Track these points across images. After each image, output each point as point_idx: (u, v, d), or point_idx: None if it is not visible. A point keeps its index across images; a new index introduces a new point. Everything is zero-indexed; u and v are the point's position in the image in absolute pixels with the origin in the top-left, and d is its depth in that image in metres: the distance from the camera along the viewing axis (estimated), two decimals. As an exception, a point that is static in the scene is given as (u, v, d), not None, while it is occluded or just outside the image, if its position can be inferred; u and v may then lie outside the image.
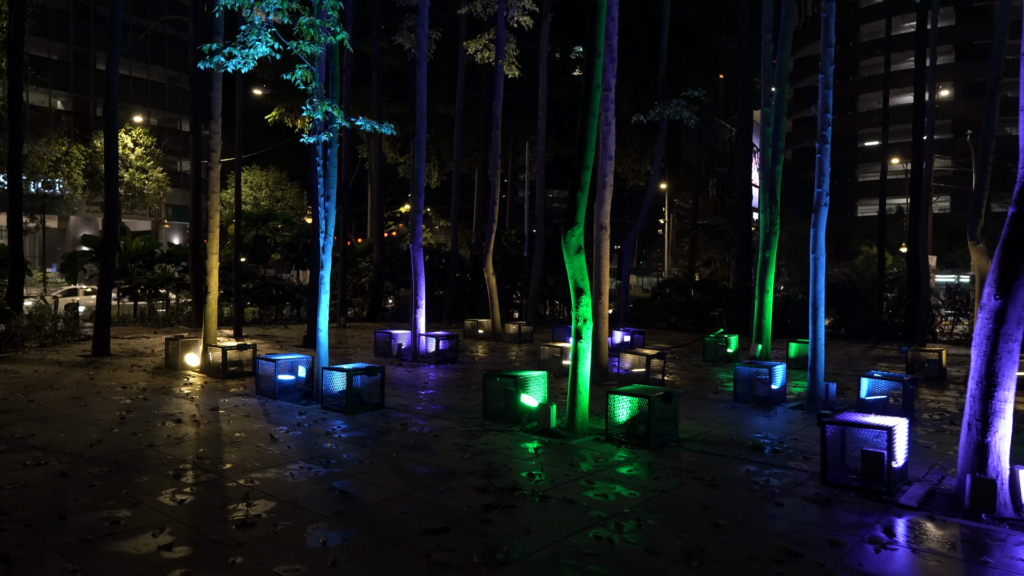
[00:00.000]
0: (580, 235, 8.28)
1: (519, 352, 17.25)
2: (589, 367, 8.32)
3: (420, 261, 15.09)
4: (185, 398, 10.18)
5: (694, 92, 19.60)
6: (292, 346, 17.67)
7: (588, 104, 8.26)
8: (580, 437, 7.98)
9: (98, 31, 55.65)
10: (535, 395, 8.86)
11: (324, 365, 10.16)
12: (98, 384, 11.28)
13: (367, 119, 10.00)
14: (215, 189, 12.99)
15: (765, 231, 14.95)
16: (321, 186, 10.06)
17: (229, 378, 12.06)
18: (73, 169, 40.54)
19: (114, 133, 15.28)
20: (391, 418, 8.93)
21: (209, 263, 12.94)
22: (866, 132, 75.82)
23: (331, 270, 18.88)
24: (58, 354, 15.44)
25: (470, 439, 7.81)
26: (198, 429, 8.13)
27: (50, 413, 8.89)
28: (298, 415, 9.05)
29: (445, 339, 14.73)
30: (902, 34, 72.15)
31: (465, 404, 10.00)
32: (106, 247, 15.42)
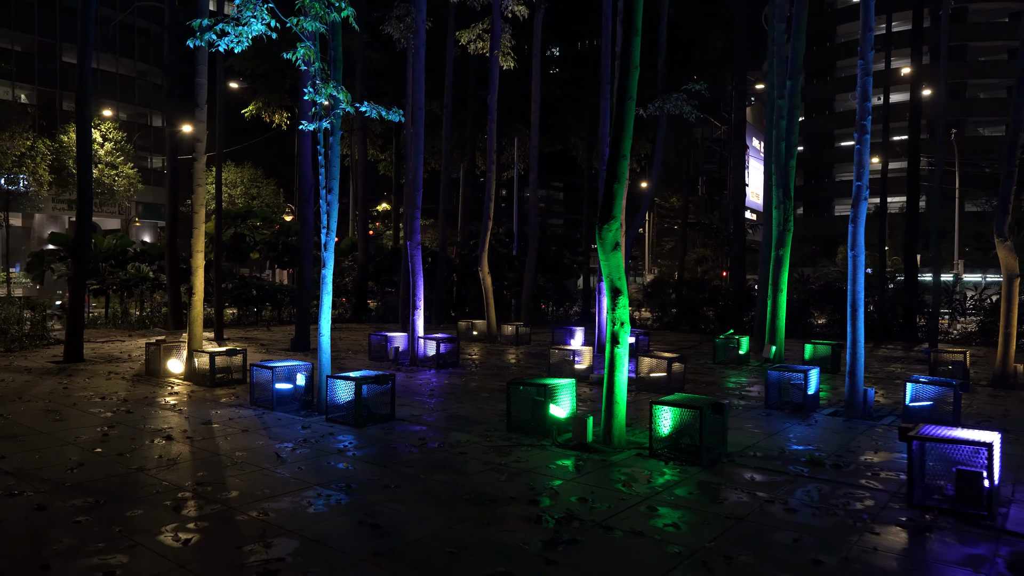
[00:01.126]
0: (617, 230, 7.56)
1: (519, 355, 16.50)
2: (626, 375, 7.60)
3: (418, 259, 14.26)
4: (172, 410, 9.25)
5: (695, 86, 18.97)
6: (279, 350, 16.73)
7: (625, 86, 7.53)
8: (620, 452, 7.25)
9: (64, 22, 53.66)
10: (563, 405, 8.12)
11: (327, 373, 9.30)
12: (74, 395, 10.28)
13: (372, 104, 9.17)
14: (200, 182, 12.03)
15: (779, 228, 14.39)
16: (323, 177, 9.20)
17: (218, 386, 11.13)
18: (39, 164, 38.85)
19: (87, 125, 14.24)
20: (405, 432, 8.12)
21: (194, 262, 11.98)
22: (843, 132, 76.23)
23: (310, 270, 18.00)
24: (26, 359, 14.33)
25: (500, 456, 7.04)
26: (192, 447, 7.24)
27: (22, 430, 7.93)
28: (302, 429, 8.20)
29: (446, 342, 13.92)
30: (878, 35, 72.68)
31: (481, 414, 9.22)
32: (79, 246, 14.34)
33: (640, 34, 7.61)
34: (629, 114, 7.56)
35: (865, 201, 9.28)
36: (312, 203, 16.91)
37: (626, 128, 7.54)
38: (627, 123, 7.55)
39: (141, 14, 58.00)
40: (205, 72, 12.04)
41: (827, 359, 13.77)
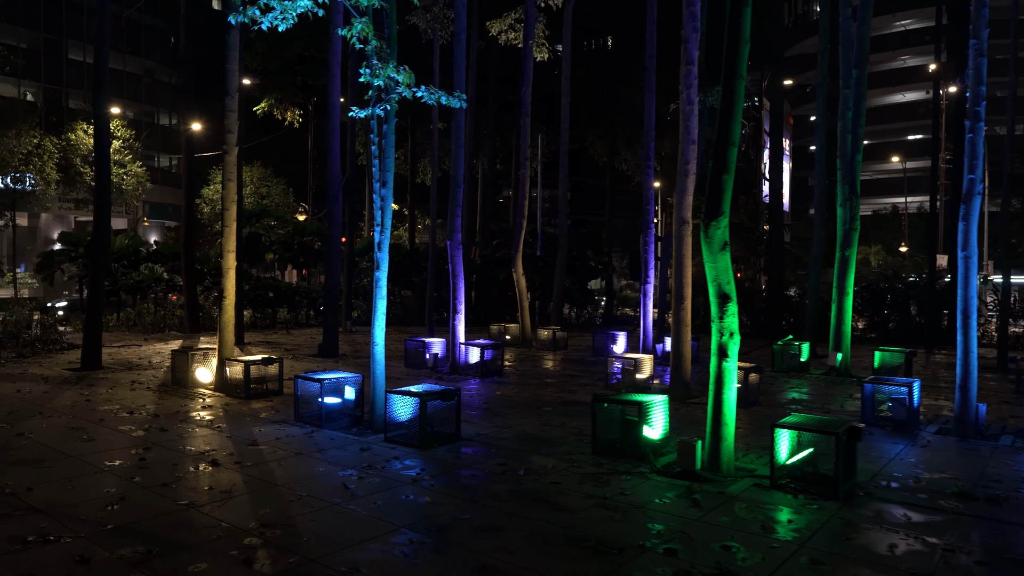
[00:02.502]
0: (726, 227, 6.64)
1: (560, 361, 15.58)
2: (735, 392, 6.68)
3: (459, 261, 13.35)
4: (209, 427, 8.35)
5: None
6: (305, 355, 15.83)
7: (734, 63, 6.61)
8: (734, 482, 6.33)
9: (70, 18, 52.86)
10: (657, 425, 7.20)
11: (382, 386, 8.39)
12: (98, 408, 9.38)
13: (432, 88, 8.26)
14: (231, 176, 11.12)
15: (844, 227, 13.46)
16: (376, 170, 8.29)
17: (253, 398, 10.23)
18: (46, 163, 37.97)
19: (105, 123, 13.40)
20: (478, 455, 7.20)
21: (225, 262, 11.07)
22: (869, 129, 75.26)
23: (338, 271, 17.09)
24: (41, 367, 13.44)
25: (599, 486, 6.12)
26: (244, 476, 6.33)
27: (48, 453, 7.02)
28: (360, 452, 7.28)
29: (490, 349, 13.00)
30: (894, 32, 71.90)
31: (553, 432, 8.30)
32: (97, 246, 13.44)
33: (751, 4, 6.69)
34: (739, 95, 6.64)
35: (978, 196, 8.36)
36: (340, 200, 16.00)
37: (735, 111, 6.62)
38: (736, 106, 6.62)
39: (148, 11, 57.17)
40: (237, 58, 11.15)
41: (898, 368, 12.83)
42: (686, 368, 10.84)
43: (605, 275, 30.48)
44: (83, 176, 40.28)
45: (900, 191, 63.56)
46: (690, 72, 10.83)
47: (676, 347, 10.86)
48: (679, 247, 10.94)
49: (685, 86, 10.86)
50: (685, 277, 10.90)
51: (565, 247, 21.72)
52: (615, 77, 34.77)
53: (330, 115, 15.64)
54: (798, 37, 72.31)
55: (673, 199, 20.16)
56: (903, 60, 73.12)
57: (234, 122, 11.14)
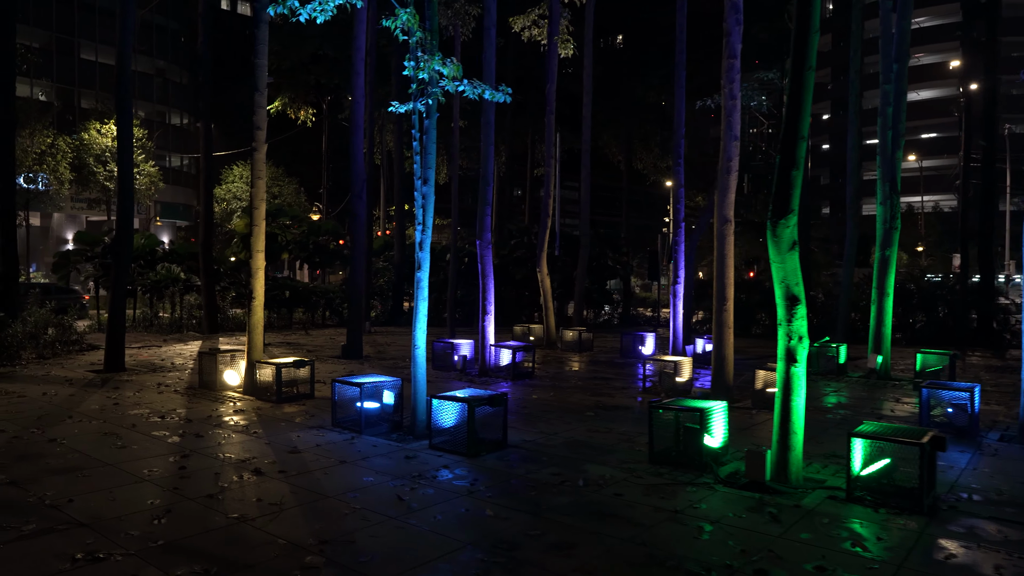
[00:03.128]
0: (795, 226, 6.31)
1: (589, 363, 15.26)
2: (804, 399, 6.35)
3: (489, 260, 13.06)
4: (246, 433, 8.07)
5: (768, 74, 17.73)
6: (329, 357, 15.56)
7: (804, 53, 6.28)
8: (805, 493, 6.01)
9: (82, 18, 52.83)
10: (716, 433, 6.89)
11: (423, 390, 8.10)
12: (127, 412, 9.13)
13: (476, 81, 7.96)
14: (260, 174, 10.85)
15: (884, 226, 13.10)
16: (417, 166, 7.99)
17: (285, 402, 9.96)
18: (60, 163, 37.89)
19: (128, 123, 13.16)
20: (529, 464, 6.89)
21: (254, 263, 10.80)
22: (870, 130, 74.66)
23: (362, 271, 16.78)
24: (63, 368, 13.22)
25: (665, 499, 5.81)
26: (291, 486, 6.04)
27: (82, 460, 6.75)
28: (406, 460, 6.99)
29: (521, 350, 12.70)
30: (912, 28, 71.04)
31: (602, 439, 7.98)
32: (120, 245, 13.21)
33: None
34: (808, 87, 6.31)
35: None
36: (364, 199, 15.73)
37: (804, 104, 6.30)
38: (805, 98, 6.30)
39: (160, 11, 57.15)
40: (265, 52, 10.89)
41: (941, 371, 12.46)
42: (728, 371, 10.51)
43: (622, 275, 30.15)
44: (96, 176, 40.22)
45: (916, 190, 62.97)
46: (732, 66, 10.50)
47: (718, 350, 10.54)
48: (720, 247, 10.60)
49: (727, 80, 10.53)
50: (727, 278, 10.57)
51: (587, 247, 21.38)
52: (630, 76, 34.45)
53: (353, 112, 15.37)
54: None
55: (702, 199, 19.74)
56: (917, 58, 72.53)
57: (262, 118, 10.87)
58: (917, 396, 11.15)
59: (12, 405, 9.49)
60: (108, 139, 40.16)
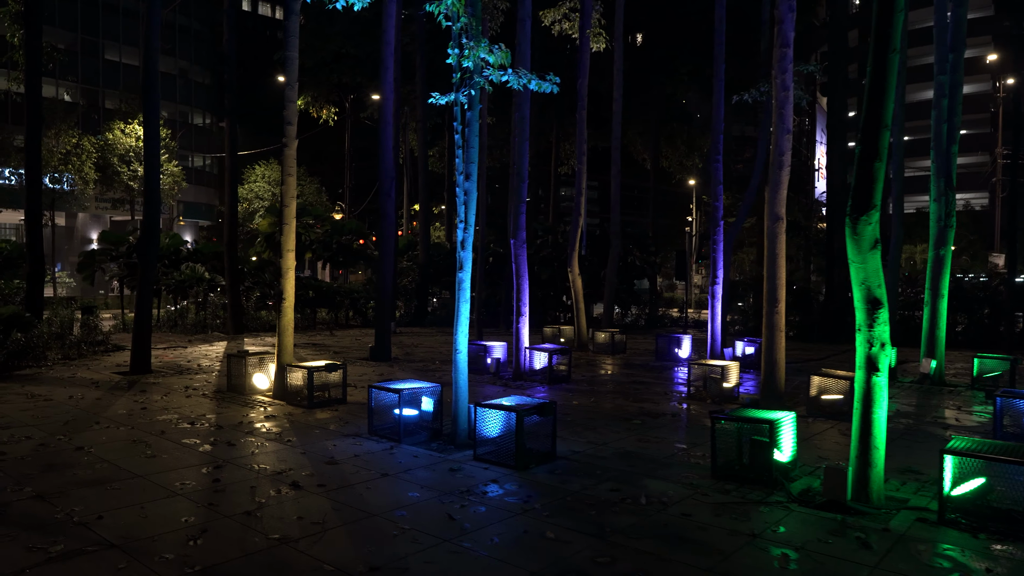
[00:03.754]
0: (877, 223, 5.80)
1: (621, 365, 14.77)
2: (886, 411, 5.84)
3: (523, 260, 12.62)
4: (279, 441, 7.69)
5: (808, 67, 17.09)
6: (356, 359, 15.20)
7: (888, 35, 5.76)
8: (889, 515, 5.50)
9: (107, 19, 53.13)
10: (785, 446, 6.39)
11: (465, 397, 7.68)
12: (154, 416, 8.80)
13: (520, 72, 7.51)
14: (291, 171, 10.49)
15: (939, 224, 12.49)
16: (459, 161, 7.57)
17: (316, 407, 9.58)
18: (84, 162, 38.01)
19: (155, 122, 12.88)
20: (583, 478, 6.44)
21: (285, 262, 10.45)
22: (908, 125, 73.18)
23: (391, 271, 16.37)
24: (88, 370, 12.97)
25: (739, 520, 5.33)
26: (332, 502, 5.64)
27: (111, 471, 6.40)
28: (450, 472, 6.56)
29: (557, 354, 12.24)
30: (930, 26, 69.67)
31: (656, 451, 7.51)
32: (146, 245, 12.94)
33: (905, -33, 5.83)
34: (892, 70, 5.79)
35: None
36: (393, 197, 15.35)
37: (888, 89, 5.78)
38: (889, 83, 5.78)
39: (182, 11, 57.39)
40: (296, 45, 10.51)
41: (1000, 376, 11.84)
42: (779, 377, 9.98)
43: (649, 275, 29.59)
44: (120, 175, 40.34)
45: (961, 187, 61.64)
46: (785, 55, 9.97)
47: (768, 354, 10.01)
48: (772, 246, 10.07)
49: (780, 71, 10.00)
50: (779, 279, 10.03)
51: (618, 247, 20.87)
52: (656, 72, 33.80)
53: (383, 108, 15.01)
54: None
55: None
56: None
57: (293, 113, 10.51)
58: (983, 404, 10.59)
59: (39, 409, 9.20)
60: (132, 139, 40.27)
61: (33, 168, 16.12)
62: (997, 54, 41.87)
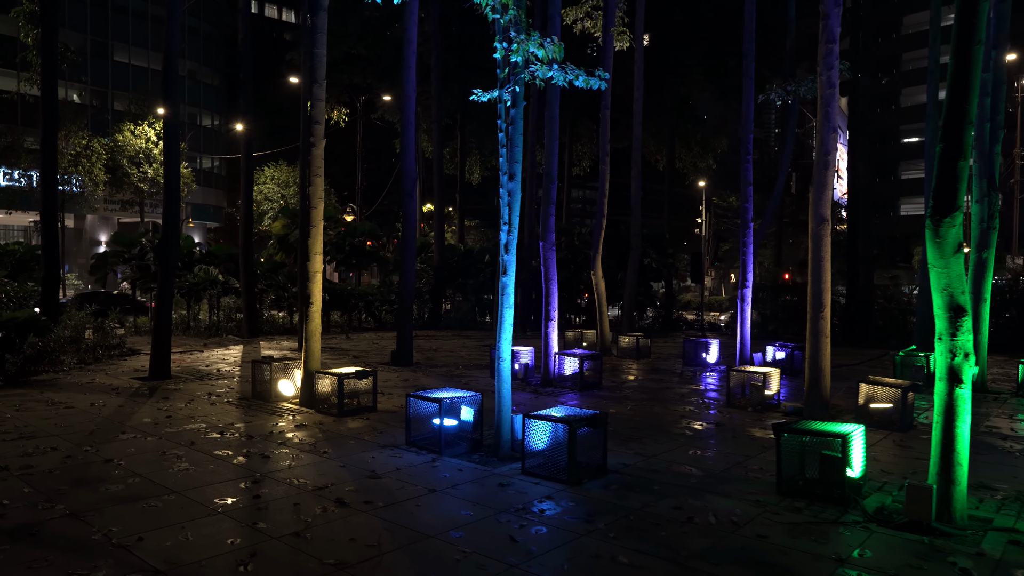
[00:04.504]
0: (960, 225, 5.46)
1: (649, 371, 14.43)
2: (968, 425, 5.49)
3: (553, 263, 12.29)
4: (314, 453, 7.37)
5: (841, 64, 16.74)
6: (377, 363, 14.89)
7: (972, 23, 5.42)
8: (977, 536, 5.16)
9: (116, 20, 53.01)
10: (855, 461, 6.05)
11: (508, 407, 7.35)
12: (181, 426, 8.49)
13: (568, 67, 7.19)
14: (318, 171, 10.18)
15: (981, 226, 12.11)
16: (503, 160, 7.25)
17: (346, 415, 9.27)
18: (94, 164, 37.81)
19: (174, 123, 12.61)
20: (642, 494, 6.10)
21: (312, 265, 10.14)
22: (909, 128, 72.69)
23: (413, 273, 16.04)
24: (106, 375, 12.69)
25: (818, 542, 4.99)
26: (383, 522, 5.31)
27: (145, 486, 6.09)
28: (500, 488, 6.23)
29: (589, 359, 11.91)
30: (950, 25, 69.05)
31: (710, 464, 7.17)
32: (166, 247, 12.65)
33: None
34: (977, 63, 5.44)
35: None
36: (415, 197, 15.05)
37: (972, 84, 5.43)
38: (974, 77, 5.43)
39: (191, 13, 57.22)
40: (324, 42, 10.22)
41: (1047, 383, 11.46)
42: (825, 385, 9.62)
43: (665, 277, 29.23)
44: (130, 177, 40.14)
45: (959, 190, 60.89)
46: (831, 51, 9.63)
47: (814, 361, 9.66)
48: (817, 249, 9.73)
49: (825, 67, 9.66)
50: (824, 283, 9.69)
51: (638, 248, 20.54)
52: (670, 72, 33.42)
53: (404, 107, 14.70)
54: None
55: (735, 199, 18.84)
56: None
57: (321, 112, 10.20)
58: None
59: (61, 418, 8.90)
60: (142, 140, 40.09)
61: (49, 168, 15.88)
62: (1015, 54, 41.36)
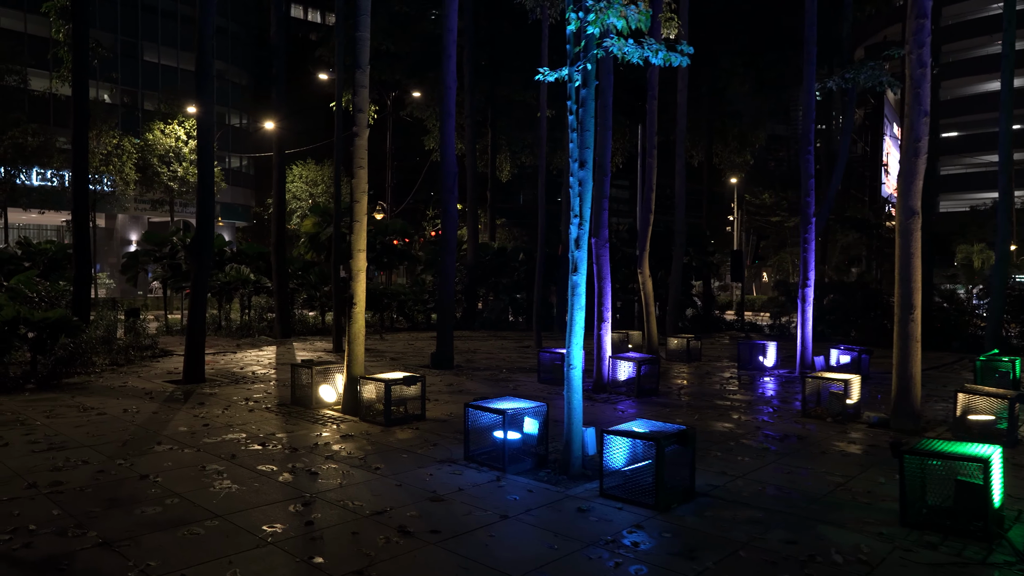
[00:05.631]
0: None
1: (703, 375, 13.62)
2: None
3: (606, 261, 11.55)
4: (365, 468, 6.72)
5: (897, 52, 15.78)
6: (416, 366, 14.26)
7: None
8: None
9: (146, 20, 53.20)
10: (995, 488, 5.23)
11: (579, 420, 6.63)
12: (220, 435, 7.90)
13: (648, 42, 6.45)
14: (362, 163, 9.55)
15: None
16: (574, 147, 6.53)
17: (394, 424, 8.61)
18: (125, 163, 37.80)
19: (209, 121, 12.08)
20: (745, 524, 5.35)
21: (355, 263, 9.50)
22: (947, 122, 70.67)
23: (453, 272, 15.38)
24: (139, 378, 12.20)
25: (976, 590, 4.20)
26: (458, 558, 4.62)
27: (185, 508, 5.47)
28: (579, 513, 5.52)
29: (646, 364, 11.14)
30: (986, 16, 67.20)
31: (812, 486, 6.38)
32: (200, 245, 12.11)
33: None
34: None
35: None
36: (455, 193, 14.39)
37: None
38: None
39: (219, 12, 57.22)
40: (368, 24, 9.58)
41: None
42: (916, 394, 8.77)
43: (704, 276, 28.28)
44: (160, 176, 40.11)
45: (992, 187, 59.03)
46: (922, 27, 8.77)
47: (903, 367, 8.81)
48: (906, 244, 8.87)
49: (915, 45, 8.80)
50: (915, 282, 8.83)
51: (682, 246, 19.70)
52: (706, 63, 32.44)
53: (445, 99, 14.04)
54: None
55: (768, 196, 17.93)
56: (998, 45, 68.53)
57: (364, 100, 9.56)
58: None
59: (93, 426, 8.37)
60: (172, 139, 40.04)
61: (80, 166, 15.49)
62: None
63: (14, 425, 8.36)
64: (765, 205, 62.73)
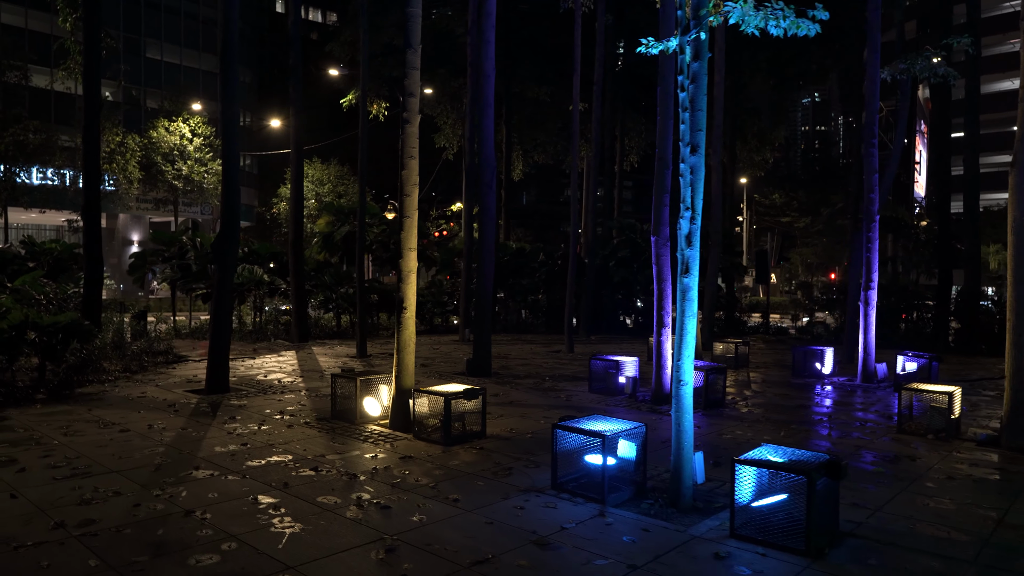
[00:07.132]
0: None
1: (760, 383, 12.73)
2: None
3: (667, 263, 10.64)
4: (441, 499, 5.81)
5: (958, 39, 14.92)
6: (449, 372, 13.39)
7: None
8: None
9: (149, 17, 52.23)
10: None
11: (690, 445, 5.72)
12: (262, 457, 6.98)
13: (769, 5, 5.56)
14: (412, 152, 8.64)
15: None
16: (685, 129, 5.63)
17: (453, 443, 7.70)
18: (128, 161, 36.89)
19: (234, 118, 11.17)
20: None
21: (405, 264, 8.61)
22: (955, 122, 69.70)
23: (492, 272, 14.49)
24: (157, 387, 11.28)
25: None
26: (599, 626, 3.71)
27: (245, 556, 4.55)
28: (717, 560, 4.62)
29: (713, 372, 10.24)
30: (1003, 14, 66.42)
31: (966, 522, 5.48)
32: (225, 244, 11.19)
33: None
34: None
35: None
36: (494, 189, 13.49)
37: None
38: None
39: (223, 8, 56.28)
40: (419, 1, 8.66)
41: None
42: (1032, 408, 7.88)
43: (728, 278, 27.42)
44: (164, 174, 39.19)
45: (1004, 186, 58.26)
46: (1041, 1, 7.88)
47: (1017, 381, 7.92)
48: (1020, 243, 7.99)
49: (1034, 20, 7.91)
50: None
51: (718, 245, 18.77)
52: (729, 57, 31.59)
53: (483, 88, 13.15)
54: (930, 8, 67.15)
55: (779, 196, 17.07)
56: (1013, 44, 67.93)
57: (415, 83, 8.66)
58: None
59: (117, 445, 7.45)
60: (176, 137, 39.12)
61: (92, 160, 14.56)
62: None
63: (29, 444, 7.44)
64: (775, 205, 61.95)
